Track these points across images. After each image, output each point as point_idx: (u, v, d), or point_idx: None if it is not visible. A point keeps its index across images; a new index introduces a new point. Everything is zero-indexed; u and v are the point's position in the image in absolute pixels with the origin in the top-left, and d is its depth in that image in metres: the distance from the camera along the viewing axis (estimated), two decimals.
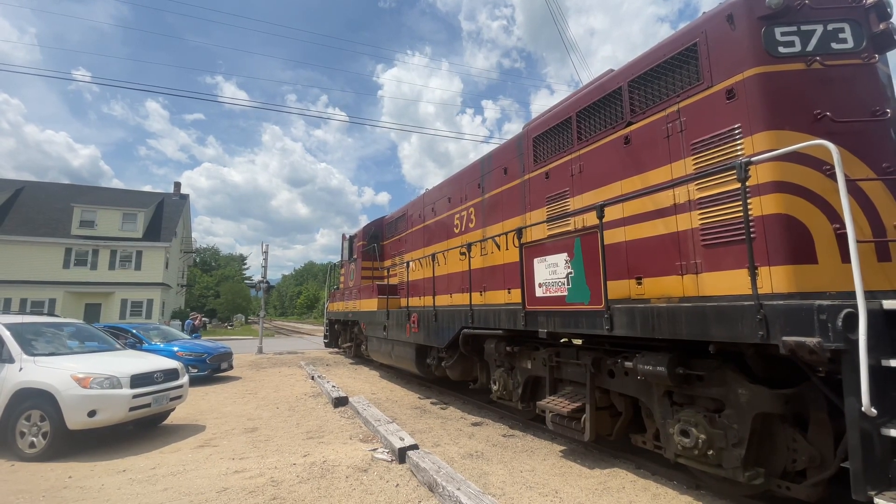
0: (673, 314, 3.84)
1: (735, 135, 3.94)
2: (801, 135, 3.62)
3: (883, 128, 3.71)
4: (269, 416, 7.53)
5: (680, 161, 4.38)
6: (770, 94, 3.79)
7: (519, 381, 6.31)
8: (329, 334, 16.93)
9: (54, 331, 6.97)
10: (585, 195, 5.46)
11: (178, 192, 39.32)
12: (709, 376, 3.95)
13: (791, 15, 3.88)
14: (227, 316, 55.55)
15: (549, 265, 5.17)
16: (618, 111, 5.14)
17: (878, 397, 2.76)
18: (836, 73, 3.82)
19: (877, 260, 3.43)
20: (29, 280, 27.53)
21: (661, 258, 4.44)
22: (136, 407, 5.86)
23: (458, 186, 8.78)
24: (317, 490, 4.33)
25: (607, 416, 5.09)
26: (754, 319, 3.22)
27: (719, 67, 4.13)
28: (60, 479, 4.78)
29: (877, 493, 2.71)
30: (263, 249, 20.84)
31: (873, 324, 2.81)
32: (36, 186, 34.03)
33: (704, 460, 3.88)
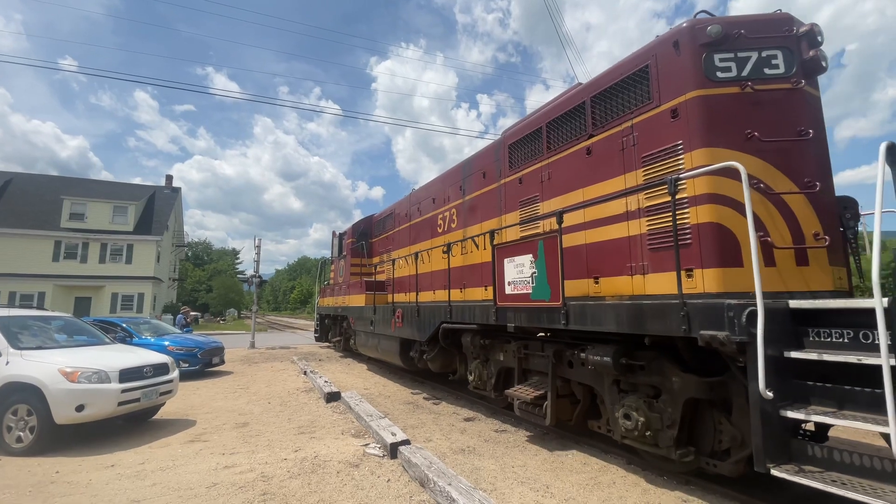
0: (616, 310, 4.35)
1: (678, 150, 4.35)
2: (734, 152, 4.03)
3: (806, 146, 4.13)
4: (260, 411, 7.49)
5: (633, 172, 4.80)
6: (707, 114, 4.20)
7: (493, 372, 6.77)
8: (320, 329, 17.30)
9: (42, 324, 6.89)
10: (553, 200, 5.88)
11: (170, 185, 38.95)
12: (648, 366, 4.41)
13: (729, 43, 4.28)
14: (220, 310, 55.23)
15: (517, 265, 5.61)
16: (581, 124, 5.57)
17: (781, 384, 3.24)
18: (766, 97, 4.23)
19: (795, 264, 3.87)
20: (17, 273, 27.19)
21: (615, 260, 4.88)
22: (125, 402, 5.80)
23: (442, 188, 9.14)
24: (308, 485, 4.32)
25: (568, 403, 5.52)
26: (679, 316, 3.70)
27: (666, 88, 4.53)
28: (48, 474, 4.73)
29: (775, 465, 3.15)
30: (256, 244, 20.71)
31: (774, 320, 3.29)
32: (25, 178, 33.57)
33: (643, 440, 4.33)
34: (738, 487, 4.14)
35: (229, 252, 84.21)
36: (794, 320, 3.43)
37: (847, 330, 3.13)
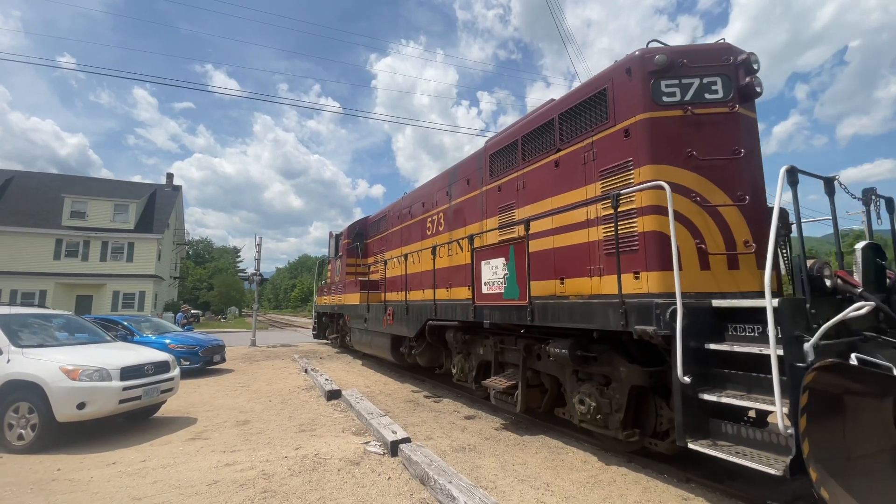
0: (570, 308, 4.95)
1: (629, 166, 4.84)
2: (675, 168, 4.57)
3: (739, 164, 4.59)
4: (261, 409, 7.51)
5: (593, 184, 5.29)
6: (653, 135, 4.69)
7: (473, 365, 7.38)
8: (317, 326, 17.92)
9: (43, 322, 6.89)
10: (527, 207, 6.36)
11: (171, 184, 38.91)
12: (600, 357, 4.94)
13: (674, 70, 4.74)
14: (221, 308, 55.29)
15: (492, 267, 6.16)
16: (551, 139, 6.05)
17: (701, 371, 3.80)
18: (706, 119, 4.70)
19: (727, 268, 4.30)
20: (19, 271, 27.21)
21: (577, 263, 5.39)
22: (126, 399, 5.81)
23: (431, 192, 9.63)
24: (308, 483, 4.32)
25: (538, 392, 6.09)
26: (619, 313, 4.25)
27: (620, 110, 5.02)
28: (49, 471, 4.74)
29: (692, 440, 3.70)
30: (257, 242, 20.72)
31: (697, 316, 3.86)
32: (26, 176, 33.56)
33: (595, 423, 4.88)
34: (739, 486, 4.16)
35: (230, 250, 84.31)
36: (718, 317, 3.93)
37: (758, 325, 3.59)
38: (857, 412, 3.22)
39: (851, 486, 2.99)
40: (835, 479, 2.98)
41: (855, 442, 3.19)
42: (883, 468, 3.24)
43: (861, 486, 3.01)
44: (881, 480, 3.17)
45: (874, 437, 3.29)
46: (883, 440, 3.29)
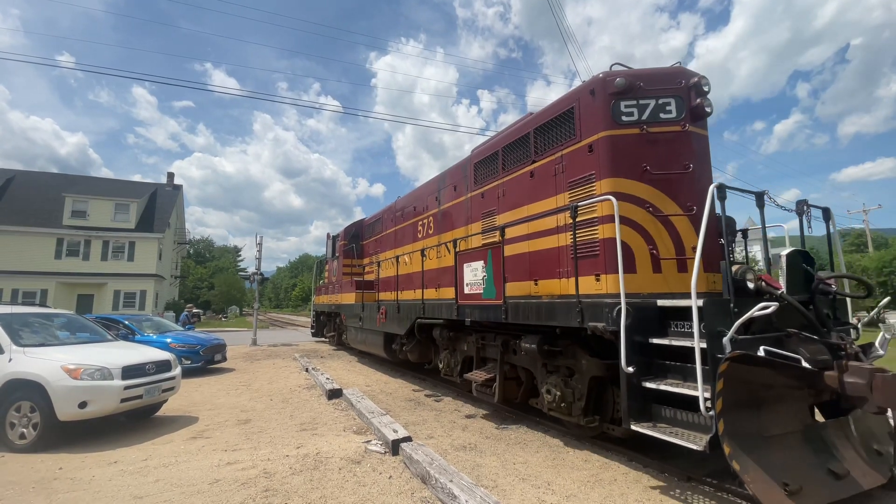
0: (538, 307, 5.46)
1: (591, 179, 5.30)
2: (632, 181, 5.04)
3: (689, 177, 5.06)
4: (262, 408, 7.51)
5: (562, 194, 5.72)
6: (613, 151, 5.15)
7: (458, 360, 7.83)
8: (316, 325, 18.47)
9: (45, 322, 6.90)
10: (507, 213, 6.80)
11: (172, 183, 38.91)
12: (564, 351, 5.45)
13: (633, 92, 5.21)
14: (222, 308, 55.34)
15: (473, 269, 6.71)
16: (527, 151, 6.49)
17: (645, 362, 4.31)
18: (660, 137, 5.16)
19: (677, 271, 4.66)
20: (20, 270, 27.24)
21: (548, 265, 5.81)
22: (128, 398, 5.81)
23: (422, 197, 10.02)
24: (309, 482, 4.33)
25: (514, 384, 6.55)
26: (576, 311, 4.75)
27: (586, 128, 5.47)
28: (51, 470, 4.75)
29: (636, 423, 4.19)
30: (257, 241, 20.72)
31: (644, 314, 4.36)
32: (26, 176, 33.60)
33: (561, 411, 5.36)
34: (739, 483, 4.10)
35: (231, 249, 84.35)
36: (663, 315, 4.38)
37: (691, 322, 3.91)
38: (773, 397, 3.75)
39: (763, 460, 3.48)
40: (747, 454, 3.46)
41: (769, 422, 3.70)
42: (796, 446, 3.72)
43: (773, 460, 3.51)
44: (793, 456, 3.64)
45: (788, 419, 3.80)
46: (796, 422, 3.83)
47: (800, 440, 3.78)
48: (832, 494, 3.52)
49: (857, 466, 3.80)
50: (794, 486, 3.39)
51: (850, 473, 3.72)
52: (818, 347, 4.10)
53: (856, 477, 3.71)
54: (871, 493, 3.81)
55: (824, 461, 3.74)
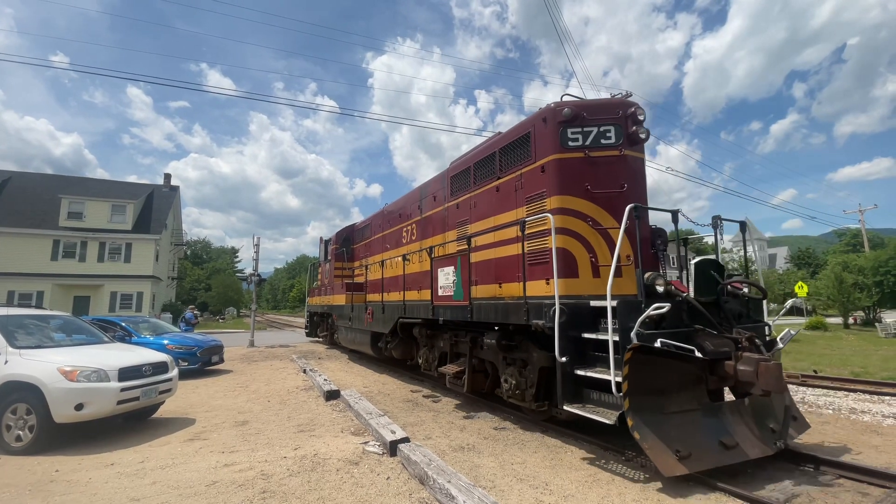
0: (495, 308, 6.25)
1: (543, 195, 6.05)
2: (576, 198, 5.83)
3: (624, 195, 5.75)
4: (259, 410, 7.50)
5: (521, 208, 6.43)
6: (560, 172, 5.92)
7: (435, 356, 8.52)
8: (310, 325, 19.15)
9: (41, 323, 6.87)
10: (477, 223, 7.51)
11: (169, 184, 38.81)
12: (518, 346, 6.13)
13: (578, 121, 6.00)
14: (219, 309, 55.15)
15: (445, 273, 7.44)
16: (494, 168, 7.23)
17: (578, 354, 5.10)
18: (600, 160, 5.95)
19: (613, 276, 4.92)
20: (16, 272, 27.09)
21: (510, 270, 6.45)
22: (125, 400, 5.79)
23: (407, 205, 10.65)
24: (307, 483, 4.32)
25: (482, 376, 7.20)
26: (524, 311, 5.50)
27: (539, 151, 6.23)
28: (47, 472, 4.73)
29: (568, 404, 4.99)
30: (255, 242, 20.68)
31: (578, 313, 5.11)
32: (23, 177, 33.44)
33: (516, 397, 6.09)
34: (739, 485, 4.21)
35: (228, 251, 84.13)
36: (596, 313, 5.07)
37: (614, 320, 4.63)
38: (674, 380, 4.52)
39: (660, 432, 4.24)
40: (647, 426, 4.24)
41: (670, 402, 4.48)
42: (692, 421, 4.50)
43: (669, 432, 4.27)
44: (688, 430, 4.40)
45: (687, 399, 4.58)
46: (694, 402, 4.62)
47: (697, 417, 4.56)
48: (718, 461, 4.29)
49: (747, 440, 4.56)
50: (685, 452, 4.17)
51: (739, 445, 4.46)
52: (722, 341, 4.92)
53: (744, 448, 4.46)
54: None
55: (717, 434, 4.49)
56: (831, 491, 4.20)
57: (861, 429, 6.47)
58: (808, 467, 4.75)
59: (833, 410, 7.52)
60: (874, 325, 30.60)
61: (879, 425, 6.64)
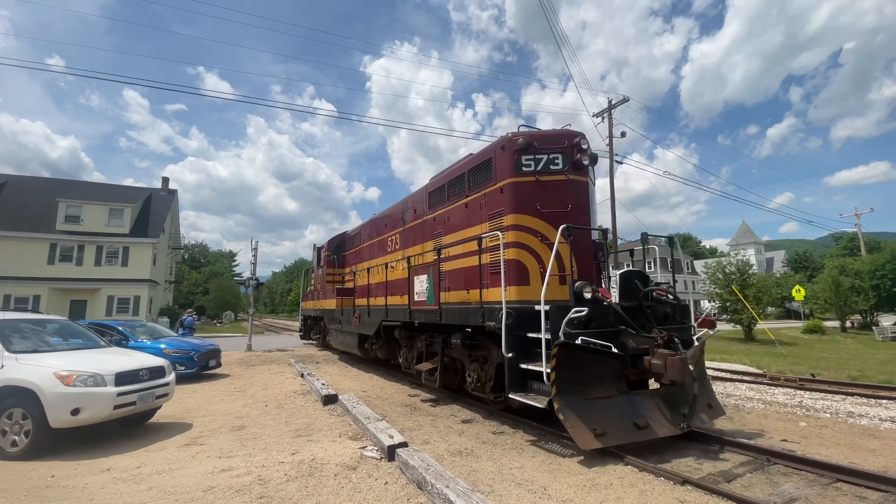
0: (459, 311, 7.14)
1: (502, 213, 6.85)
2: (529, 216, 6.65)
3: (569, 214, 6.59)
4: (257, 414, 7.47)
5: (485, 223, 7.22)
6: (516, 193, 6.74)
7: (414, 356, 9.31)
8: (303, 328, 20.40)
9: (37, 328, 6.83)
10: (450, 235, 8.24)
11: (167, 188, 38.80)
12: (480, 344, 6.95)
13: (530, 149, 6.84)
14: (216, 313, 54.97)
15: (420, 280, 8.27)
16: (464, 187, 7.99)
17: (524, 350, 5.87)
18: (549, 183, 6.78)
19: (559, 284, 6.11)
20: (12, 276, 26.99)
21: (476, 279, 6.87)
22: (121, 405, 5.76)
23: (392, 216, 11.39)
24: (305, 488, 4.30)
25: (452, 373, 8.00)
26: (480, 314, 6.37)
27: (499, 174, 7.04)
28: (43, 478, 4.70)
29: (514, 394, 5.78)
30: (253, 246, 20.65)
31: (523, 315, 5.86)
32: (20, 180, 33.40)
33: (478, 390, 7.02)
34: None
35: (226, 254, 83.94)
36: (539, 316, 5.52)
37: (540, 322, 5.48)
38: (594, 371, 5.37)
39: (581, 414, 5.09)
40: (570, 409, 5.07)
41: (592, 389, 5.35)
42: (612, 405, 5.37)
43: (589, 414, 5.13)
44: (606, 413, 5.27)
45: (608, 388, 5.47)
46: (614, 390, 5.50)
47: (615, 402, 5.42)
48: (629, 438, 5.18)
49: (658, 422, 5.44)
50: (601, 430, 5.03)
51: (650, 426, 5.34)
52: (643, 340, 5.79)
53: (654, 429, 5.34)
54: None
55: (631, 417, 5.36)
56: (829, 495, 4.21)
57: (858, 432, 6.49)
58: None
59: (830, 414, 7.53)
60: (871, 328, 30.69)
61: (877, 429, 6.65)
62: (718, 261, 28.24)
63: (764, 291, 24.19)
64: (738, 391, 9.58)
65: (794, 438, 6.15)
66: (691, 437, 5.74)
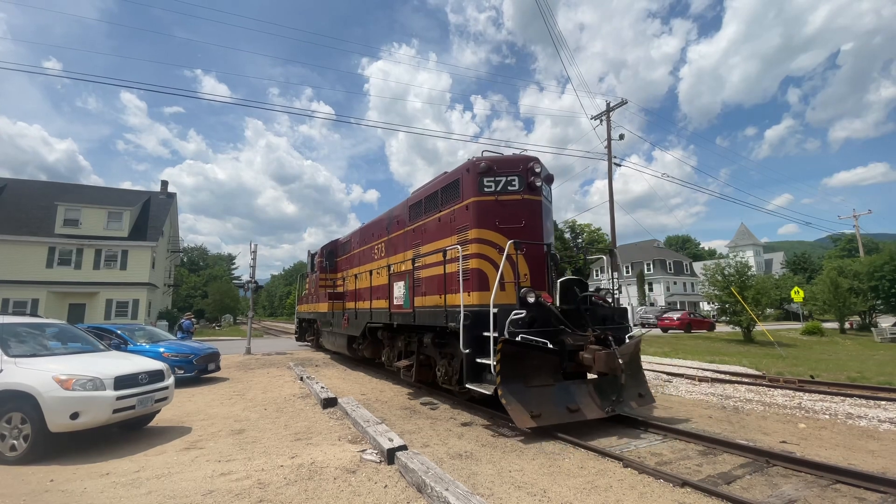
0: (427, 313, 8.06)
1: (467, 228, 7.81)
2: (490, 231, 7.58)
3: (523, 229, 7.55)
4: (256, 418, 7.46)
5: (454, 236, 8.11)
6: (479, 211, 7.70)
7: (395, 354, 10.12)
8: (299, 331, 21.44)
9: (36, 331, 6.82)
10: (427, 245, 9.11)
11: (166, 191, 38.79)
12: (448, 343, 7.75)
13: (491, 172, 7.79)
14: (215, 316, 54.87)
15: (399, 286, 9.43)
16: (438, 203, 8.90)
17: (481, 346, 6.56)
18: (507, 202, 7.74)
19: (497, 291, 6.57)
20: (11, 280, 26.94)
21: (449, 285, 7.66)
22: (120, 409, 5.75)
23: (379, 225, 12.21)
24: (304, 492, 4.30)
25: (427, 369, 8.80)
26: (444, 316, 7.30)
27: (465, 194, 7.98)
28: (42, 482, 4.69)
29: (470, 384, 6.63)
30: (252, 249, 20.63)
31: (480, 317, 6.61)
32: (19, 184, 33.36)
33: (447, 383, 7.89)
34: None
35: (225, 257, 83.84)
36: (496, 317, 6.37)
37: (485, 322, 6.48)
38: (533, 363, 6.29)
39: (521, 399, 5.99)
40: (511, 395, 5.96)
41: (531, 379, 6.25)
42: (548, 392, 6.30)
43: (528, 399, 6.04)
44: (543, 398, 6.18)
45: (545, 378, 6.38)
46: (551, 379, 6.43)
47: (552, 390, 6.33)
48: (561, 419, 6.09)
49: (588, 406, 6.36)
50: (537, 413, 5.93)
51: (581, 410, 6.26)
52: (580, 337, 6.75)
53: (584, 412, 6.26)
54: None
55: (565, 402, 6.29)
56: (828, 497, 4.22)
57: (858, 434, 6.50)
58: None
59: (830, 416, 7.54)
60: (870, 329, 30.71)
61: (876, 430, 6.66)
62: (717, 262, 28.22)
63: (763, 293, 24.18)
64: (738, 393, 9.59)
65: (794, 440, 6.16)
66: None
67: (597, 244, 77.05)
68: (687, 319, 32.36)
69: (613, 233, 24.42)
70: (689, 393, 9.70)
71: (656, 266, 64.17)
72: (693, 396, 9.37)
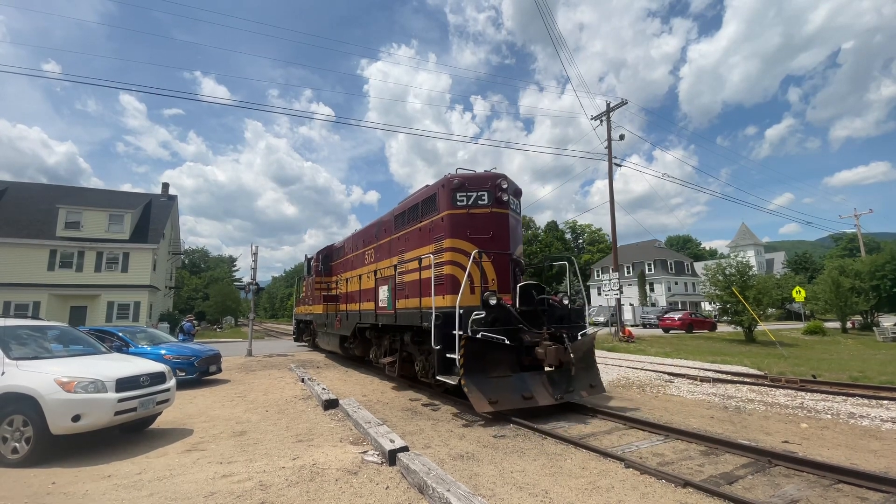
0: (407, 314, 8.87)
1: (443, 238, 8.70)
2: (462, 241, 8.45)
3: (492, 239, 8.49)
4: (258, 420, 7.46)
5: (431, 245, 8.97)
6: (452, 223, 8.59)
7: (382, 352, 10.89)
8: (296, 332, 22.89)
9: (38, 334, 6.83)
10: (409, 252, 9.92)
11: (167, 193, 38.82)
12: (425, 340, 8.22)
13: (464, 188, 8.64)
14: (217, 318, 54.88)
15: (384, 290, 10.51)
16: (418, 214, 9.82)
17: (451, 343, 7.22)
18: (477, 215, 8.61)
19: (462, 294, 7.43)
20: (13, 282, 26.96)
21: (427, 289, 8.13)
22: (122, 411, 5.75)
23: (370, 232, 12.99)
24: (306, 493, 4.30)
25: (409, 365, 9.67)
26: (420, 317, 8.09)
27: (441, 207, 8.87)
28: (44, 485, 4.69)
29: (441, 376, 7.42)
30: (253, 251, 20.64)
31: (450, 317, 7.25)
32: (20, 187, 33.40)
33: (424, 376, 8.79)
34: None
35: (226, 259, 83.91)
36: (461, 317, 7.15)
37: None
38: (494, 357, 7.11)
39: (482, 388, 6.81)
40: (473, 384, 6.77)
41: (491, 370, 7.07)
42: (506, 382, 7.11)
43: (488, 388, 6.85)
44: (501, 388, 6.98)
45: (504, 370, 7.19)
46: (508, 371, 7.23)
47: (509, 380, 7.15)
48: (516, 405, 6.94)
49: (541, 394, 7.22)
50: (495, 399, 6.76)
51: (534, 397, 7.10)
52: (536, 334, 7.58)
53: (538, 399, 7.11)
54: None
55: (520, 390, 7.11)
56: (830, 496, 4.21)
57: (860, 433, 6.48)
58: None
59: (832, 415, 7.53)
60: (872, 329, 30.65)
61: (878, 430, 6.65)
62: (718, 262, 28.17)
63: (764, 293, 24.14)
64: (740, 393, 9.57)
65: (796, 440, 6.15)
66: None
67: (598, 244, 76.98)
68: (688, 320, 32.34)
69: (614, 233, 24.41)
70: (690, 393, 9.69)
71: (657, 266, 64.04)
72: (695, 397, 9.36)
